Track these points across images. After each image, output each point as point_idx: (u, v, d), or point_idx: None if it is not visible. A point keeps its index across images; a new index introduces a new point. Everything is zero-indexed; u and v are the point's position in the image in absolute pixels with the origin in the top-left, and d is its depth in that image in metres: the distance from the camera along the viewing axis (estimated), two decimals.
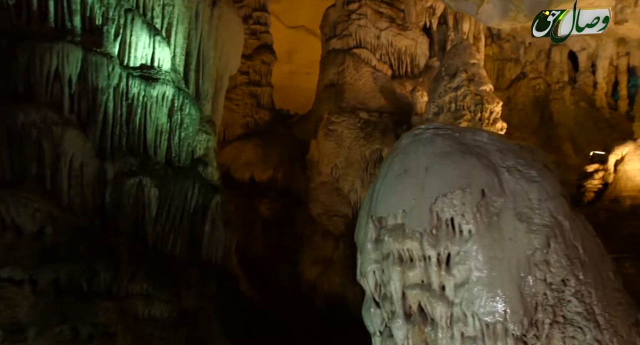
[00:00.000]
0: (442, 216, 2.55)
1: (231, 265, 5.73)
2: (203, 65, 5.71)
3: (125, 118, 5.01)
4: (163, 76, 5.14)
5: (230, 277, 5.51)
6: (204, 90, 5.69)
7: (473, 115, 7.65)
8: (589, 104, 12.83)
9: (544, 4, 6.19)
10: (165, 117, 5.21)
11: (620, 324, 2.45)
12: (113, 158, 4.88)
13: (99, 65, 4.78)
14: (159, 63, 5.20)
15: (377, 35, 11.38)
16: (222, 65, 6.08)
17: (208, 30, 5.68)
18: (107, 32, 4.91)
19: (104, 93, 4.87)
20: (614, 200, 7.57)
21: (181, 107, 5.23)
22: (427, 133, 2.87)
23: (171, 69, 5.31)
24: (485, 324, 2.37)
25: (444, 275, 2.52)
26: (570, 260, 2.42)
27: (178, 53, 5.47)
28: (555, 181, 2.66)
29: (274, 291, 6.90)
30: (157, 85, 5.04)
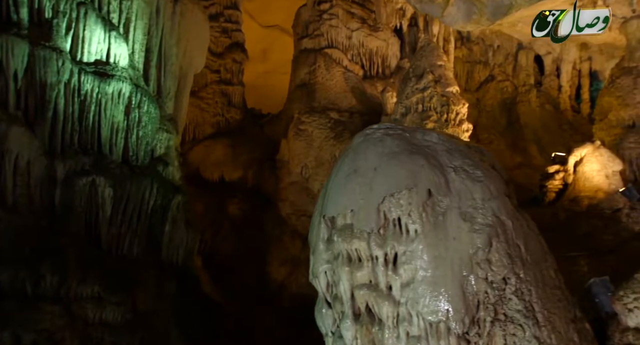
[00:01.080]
0: (390, 216, 2.57)
1: (193, 266, 5.63)
2: (165, 63, 5.58)
3: (77, 115, 4.80)
4: (119, 73, 4.98)
5: (192, 278, 5.41)
6: (165, 87, 5.56)
7: (439, 116, 7.75)
8: (554, 106, 13.21)
9: (505, 8, 6.34)
10: (122, 115, 5.03)
11: (559, 320, 2.51)
12: (64, 157, 4.68)
13: (48, 59, 4.57)
14: (115, 59, 5.03)
15: (349, 35, 11.41)
16: (186, 63, 5.96)
17: (170, 27, 5.55)
18: (57, 25, 4.69)
19: (53, 89, 4.65)
20: (573, 200, 7.78)
21: (139, 105, 5.07)
22: (377, 133, 2.88)
23: (129, 66, 5.15)
24: (429, 323, 2.39)
25: (391, 275, 2.54)
26: (511, 259, 2.47)
27: (137, 49, 5.31)
28: (499, 181, 2.71)
29: (241, 292, 6.82)
30: (113, 82, 4.87)
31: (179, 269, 5.26)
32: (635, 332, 2.79)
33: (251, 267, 7.68)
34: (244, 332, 5.59)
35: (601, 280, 3.33)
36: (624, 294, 2.86)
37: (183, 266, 5.34)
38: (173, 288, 4.88)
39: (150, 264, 4.96)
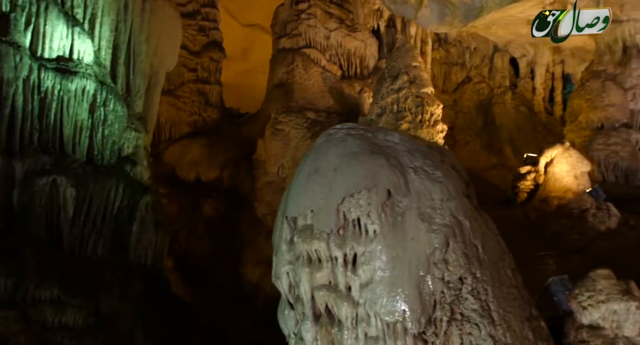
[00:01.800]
0: (349, 216, 2.56)
1: (163, 267, 5.54)
2: (134, 60, 5.46)
3: (37, 113, 4.63)
4: (83, 69, 4.83)
5: (161, 280, 5.31)
6: (135, 85, 5.44)
7: (414, 116, 7.82)
8: (528, 108, 13.49)
9: (476, 10, 6.42)
10: (86, 113, 4.88)
11: (514, 319, 2.54)
12: (22, 155, 4.50)
13: (4, 55, 4.36)
14: (79, 55, 4.88)
15: (327, 35, 11.43)
16: (157, 61, 5.85)
17: (139, 23, 5.42)
18: (16, 19, 4.50)
19: (10, 85, 4.46)
20: (544, 201, 7.95)
21: (104, 103, 4.93)
22: (339, 133, 2.87)
23: (94, 63, 5.01)
24: (386, 323, 2.39)
25: (350, 275, 2.53)
26: (468, 259, 2.49)
27: (104, 46, 5.17)
28: (459, 182, 2.73)
29: (215, 293, 6.74)
30: (76, 79, 4.72)
31: (147, 270, 5.16)
32: (589, 329, 2.85)
33: (226, 267, 7.61)
34: (217, 332, 5.53)
35: (560, 279, 3.40)
36: (579, 293, 2.92)
37: (152, 267, 5.24)
38: (139, 289, 4.78)
39: (116, 265, 4.85)
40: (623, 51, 9.10)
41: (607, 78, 9.23)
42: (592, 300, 2.84)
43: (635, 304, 2.74)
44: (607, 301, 2.78)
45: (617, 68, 9.16)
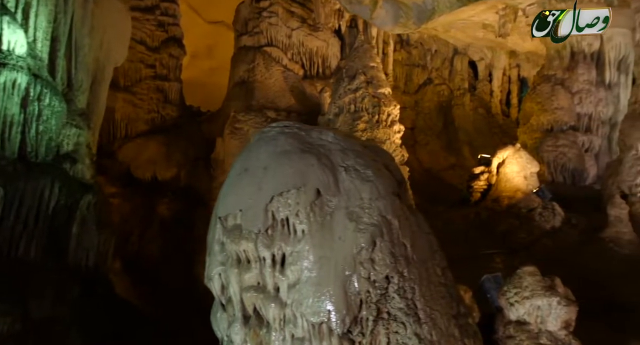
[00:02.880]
0: (278, 216, 2.53)
1: (107, 269, 5.33)
2: (76, 54, 5.22)
3: None
4: (14, 61, 4.54)
5: (103, 282, 5.11)
6: (77, 80, 5.19)
7: (371, 117, 7.87)
8: (486, 110, 13.89)
9: (428, 12, 6.54)
10: (18, 108, 4.59)
11: (440, 316, 2.58)
12: None
13: None
14: (9, 47, 4.58)
15: (289, 34, 11.37)
16: (103, 55, 5.62)
17: (82, 15, 5.19)
18: None
19: None
20: (495, 200, 8.18)
21: (39, 97, 4.66)
22: (272, 131, 2.84)
23: (27, 55, 4.73)
24: (311, 324, 2.38)
25: (278, 276, 2.50)
26: (395, 257, 2.50)
27: (40, 37, 4.89)
28: (390, 181, 2.74)
29: (165, 294, 6.57)
30: (5, 71, 4.43)
31: (88, 273, 4.96)
32: (516, 325, 2.93)
33: (179, 268, 7.43)
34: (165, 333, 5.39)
35: (493, 277, 3.49)
36: (507, 289, 3.00)
37: (94, 270, 5.03)
38: (77, 293, 4.59)
39: (51, 268, 4.62)
40: (571, 57, 9.49)
41: (556, 82, 9.60)
42: (518, 296, 2.92)
43: (557, 299, 2.83)
44: (532, 297, 2.87)
45: (565, 73, 9.54)
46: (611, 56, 9.10)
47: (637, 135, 6.88)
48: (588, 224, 6.82)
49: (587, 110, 9.40)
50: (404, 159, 8.30)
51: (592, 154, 9.53)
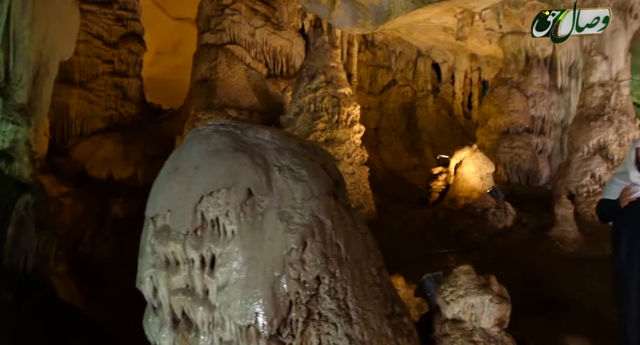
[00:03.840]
0: (207, 216, 2.46)
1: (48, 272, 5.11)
2: (15, 46, 4.96)
3: None
4: None
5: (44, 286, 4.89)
6: (16, 74, 4.93)
7: (330, 116, 7.88)
8: (449, 111, 14.20)
9: (385, 14, 6.60)
10: None
11: (373, 317, 2.57)
12: None
13: None
14: None
15: (252, 32, 11.27)
16: (47, 49, 5.37)
17: (21, 6, 4.92)
18: None
19: None
20: (452, 200, 8.34)
21: None
22: (206, 130, 2.77)
23: None
24: (239, 327, 2.32)
25: (207, 278, 2.43)
26: (326, 258, 2.48)
27: None
28: (325, 181, 2.72)
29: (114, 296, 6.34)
30: None
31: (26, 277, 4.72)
32: (451, 323, 2.97)
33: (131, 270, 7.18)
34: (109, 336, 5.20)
35: (434, 276, 3.53)
36: (444, 288, 3.03)
37: (33, 273, 4.80)
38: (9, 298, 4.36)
39: None
40: (526, 61, 9.82)
41: (512, 85, 9.92)
42: (454, 295, 2.96)
43: (489, 297, 2.88)
44: (466, 295, 2.91)
45: (520, 76, 9.86)
46: (562, 62, 9.46)
47: (584, 138, 7.16)
48: (537, 223, 7.06)
49: (541, 113, 9.75)
50: (364, 159, 8.36)
51: (545, 156, 9.89)
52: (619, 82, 7.06)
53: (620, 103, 7.01)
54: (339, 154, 7.76)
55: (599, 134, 6.99)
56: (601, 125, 6.98)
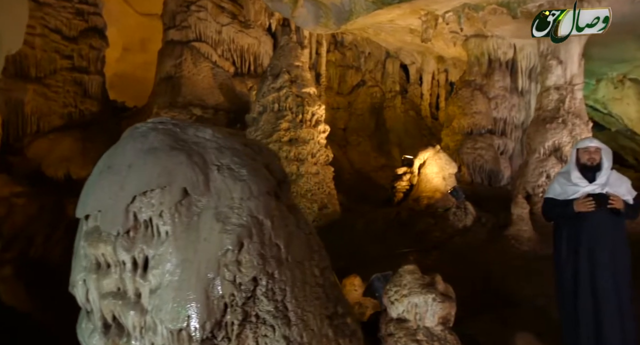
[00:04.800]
0: (140, 217, 2.37)
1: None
2: None
3: None
4: None
5: None
6: None
7: (294, 116, 7.84)
8: (416, 112, 14.38)
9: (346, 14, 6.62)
10: None
11: (313, 318, 2.54)
12: None
13: None
14: None
15: (219, 30, 11.09)
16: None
17: None
18: None
19: None
20: (416, 200, 8.43)
21: None
22: (144, 127, 2.68)
23: None
24: (170, 331, 2.25)
25: (139, 281, 2.34)
26: (264, 259, 2.44)
27: None
28: (267, 181, 2.67)
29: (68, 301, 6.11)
30: None
31: None
32: (396, 323, 2.97)
33: None
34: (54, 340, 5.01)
35: (383, 275, 3.53)
36: (389, 288, 3.03)
37: None
38: None
39: None
40: (488, 64, 10.03)
41: (475, 87, 10.12)
42: (398, 294, 2.97)
43: (433, 296, 2.90)
44: (409, 295, 2.92)
45: (483, 79, 10.07)
46: (523, 65, 9.72)
47: (540, 139, 7.37)
48: (496, 222, 7.20)
49: (502, 115, 9.98)
50: (329, 159, 8.35)
51: (507, 157, 10.13)
52: (573, 86, 7.30)
53: (574, 106, 7.26)
54: (303, 153, 7.72)
55: (554, 135, 7.20)
56: (556, 127, 7.20)
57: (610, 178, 3.39)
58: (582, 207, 3.24)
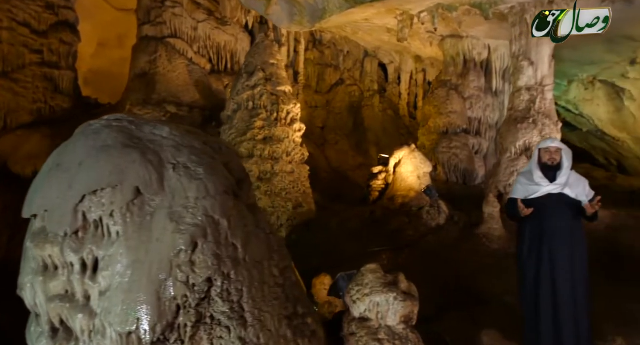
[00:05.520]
0: (90, 217, 2.30)
1: None
2: None
3: None
4: None
5: None
6: None
7: (269, 114, 7.77)
8: (394, 112, 14.46)
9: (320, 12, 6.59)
10: None
11: (271, 318, 2.51)
12: None
13: None
14: None
15: (194, 26, 10.93)
16: None
17: None
18: None
19: None
20: (391, 199, 8.47)
21: None
22: (97, 124, 2.60)
23: None
24: (119, 334, 2.18)
25: (89, 283, 2.27)
26: (219, 259, 2.39)
27: None
28: (225, 180, 2.62)
29: None
30: None
31: None
32: (358, 322, 2.96)
33: None
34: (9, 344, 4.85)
35: (347, 275, 3.52)
36: (352, 287, 3.02)
37: None
38: None
39: None
40: (464, 64, 10.14)
41: (451, 87, 10.22)
42: (360, 294, 2.96)
43: (394, 295, 2.90)
44: (371, 294, 2.92)
45: (459, 79, 10.17)
46: (497, 66, 9.85)
47: (512, 139, 7.48)
48: (467, 221, 7.28)
49: (477, 114, 10.11)
50: (305, 158, 8.31)
51: (481, 156, 10.27)
52: (543, 87, 7.44)
53: (544, 106, 7.39)
54: (278, 152, 7.66)
55: (524, 135, 7.33)
56: (527, 127, 7.32)
57: (570, 178, 3.45)
58: (524, 213, 3.34)
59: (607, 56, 9.26)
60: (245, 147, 7.46)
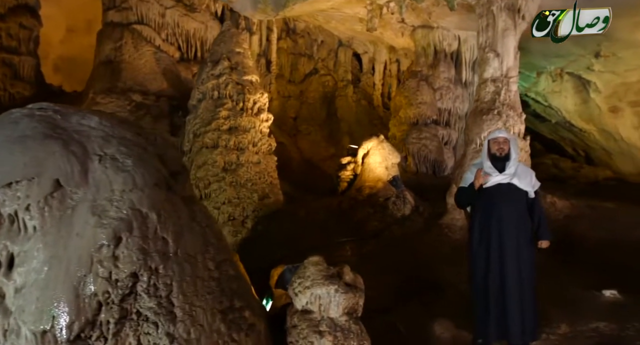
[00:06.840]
0: (4, 211, 2.19)
1: None
2: None
3: None
4: None
5: None
6: None
7: (234, 104, 7.63)
8: (368, 102, 14.43)
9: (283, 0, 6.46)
10: None
11: (203, 313, 2.45)
12: None
13: None
14: None
15: (162, 13, 10.63)
16: None
17: None
18: None
19: None
20: (358, 190, 8.45)
21: None
22: (17, 113, 2.47)
23: None
24: (33, 333, 2.09)
25: (3, 280, 2.17)
26: (146, 254, 2.31)
27: None
28: (156, 172, 2.53)
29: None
30: None
31: None
32: (300, 314, 2.93)
33: None
34: None
35: (294, 267, 3.49)
36: (294, 280, 2.98)
37: None
38: None
39: None
40: (434, 55, 10.13)
41: (421, 78, 10.22)
42: (301, 286, 2.92)
43: (335, 287, 2.87)
44: (312, 287, 2.88)
45: (429, 70, 10.18)
46: (466, 57, 9.88)
47: (477, 130, 7.51)
48: (433, 211, 7.33)
49: (447, 105, 10.15)
50: (272, 148, 8.21)
51: (451, 147, 10.34)
52: (508, 79, 7.47)
53: (508, 98, 7.44)
54: (244, 142, 7.54)
55: (489, 126, 7.36)
56: (492, 118, 7.35)
57: (518, 169, 3.49)
58: (479, 181, 3.40)
59: (573, 49, 9.39)
60: (209, 137, 7.32)
